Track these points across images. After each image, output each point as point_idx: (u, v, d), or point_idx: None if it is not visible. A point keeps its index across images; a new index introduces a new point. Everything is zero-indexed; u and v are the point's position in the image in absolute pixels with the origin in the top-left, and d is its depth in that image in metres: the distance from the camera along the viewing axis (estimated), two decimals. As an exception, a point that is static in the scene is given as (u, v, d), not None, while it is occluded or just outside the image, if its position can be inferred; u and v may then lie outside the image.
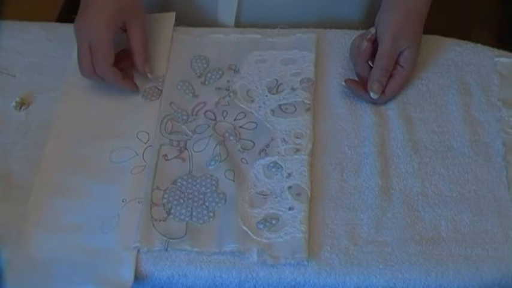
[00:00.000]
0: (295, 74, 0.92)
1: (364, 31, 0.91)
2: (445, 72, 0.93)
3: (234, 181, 0.83)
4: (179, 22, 0.98)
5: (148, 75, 0.91)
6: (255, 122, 0.88)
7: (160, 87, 0.91)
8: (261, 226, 0.79)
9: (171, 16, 0.97)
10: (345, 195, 0.82)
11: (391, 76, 0.89)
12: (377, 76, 0.88)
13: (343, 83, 0.90)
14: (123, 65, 0.90)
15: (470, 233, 0.79)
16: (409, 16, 0.88)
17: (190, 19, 0.98)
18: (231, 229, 0.79)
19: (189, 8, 1.00)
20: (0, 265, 0.77)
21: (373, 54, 0.89)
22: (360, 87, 0.89)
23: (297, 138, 0.86)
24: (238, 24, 1.00)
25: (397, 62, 0.89)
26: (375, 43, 0.89)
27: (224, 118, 0.89)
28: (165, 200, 0.81)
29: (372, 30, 0.89)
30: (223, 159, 0.84)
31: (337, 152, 0.86)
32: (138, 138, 0.87)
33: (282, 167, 0.84)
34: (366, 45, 0.89)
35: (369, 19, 0.99)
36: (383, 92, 0.88)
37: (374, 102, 0.89)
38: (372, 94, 0.88)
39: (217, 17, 1.00)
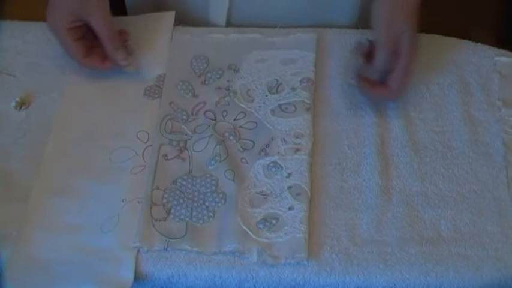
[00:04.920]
0: (295, 73, 0.92)
1: (360, 42, 0.90)
2: (445, 72, 0.93)
3: (234, 181, 0.83)
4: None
5: (122, 62, 0.90)
6: (255, 122, 0.88)
7: (162, 86, 0.92)
8: (261, 226, 0.79)
9: (171, 15, 0.98)
10: (344, 195, 0.82)
11: (393, 69, 0.87)
12: (378, 65, 0.87)
13: (351, 81, 0.89)
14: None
15: (470, 233, 0.79)
16: (400, 2, 0.87)
17: (181, 18, 0.98)
18: (231, 229, 0.79)
19: (180, 7, 1.00)
20: (0, 265, 0.77)
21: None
22: (368, 86, 0.88)
23: (297, 138, 0.86)
24: (228, 24, 1.00)
25: (396, 53, 0.87)
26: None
27: (224, 118, 0.89)
28: (165, 200, 0.81)
29: (365, 42, 0.89)
30: (223, 159, 0.84)
31: (337, 152, 0.86)
32: (138, 138, 0.87)
33: (281, 166, 0.84)
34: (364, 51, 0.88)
35: (360, 22, 0.99)
36: (390, 88, 0.87)
37: (385, 100, 0.88)
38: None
39: (208, 16, 1.00)
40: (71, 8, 0.87)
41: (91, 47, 0.90)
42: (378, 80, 0.88)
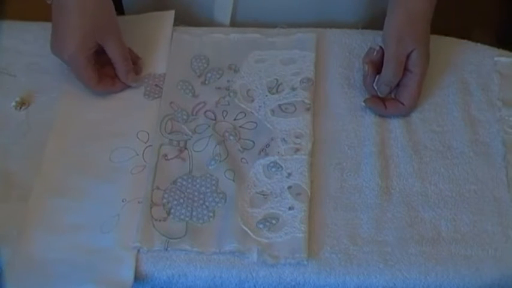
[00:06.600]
0: (295, 73, 0.92)
1: (371, 48, 0.90)
2: (445, 72, 0.93)
3: (234, 181, 0.83)
4: (175, 20, 0.97)
5: (133, 85, 0.91)
6: (255, 122, 0.88)
7: (161, 86, 0.92)
8: (261, 226, 0.79)
9: (170, 14, 0.98)
10: (345, 195, 0.82)
11: (404, 85, 0.88)
12: (385, 79, 0.87)
13: (363, 103, 0.89)
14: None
15: (470, 232, 0.79)
16: (411, 18, 0.86)
17: (186, 17, 0.98)
18: (231, 229, 0.79)
19: (185, 6, 1.00)
20: (0, 265, 0.77)
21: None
22: (380, 104, 0.88)
23: (297, 138, 0.86)
24: (233, 23, 1.00)
25: (406, 68, 0.87)
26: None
27: (224, 118, 0.89)
28: (165, 200, 0.81)
29: (376, 47, 0.89)
30: (223, 159, 0.84)
31: (337, 152, 0.86)
32: (138, 138, 0.87)
33: (282, 166, 0.84)
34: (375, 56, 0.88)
35: (366, 20, 0.99)
36: (402, 103, 0.88)
37: (399, 116, 0.88)
38: (380, 94, 0.88)
39: (213, 15, 1.00)
40: (87, 35, 0.86)
41: (99, 68, 0.90)
42: (383, 92, 0.88)
